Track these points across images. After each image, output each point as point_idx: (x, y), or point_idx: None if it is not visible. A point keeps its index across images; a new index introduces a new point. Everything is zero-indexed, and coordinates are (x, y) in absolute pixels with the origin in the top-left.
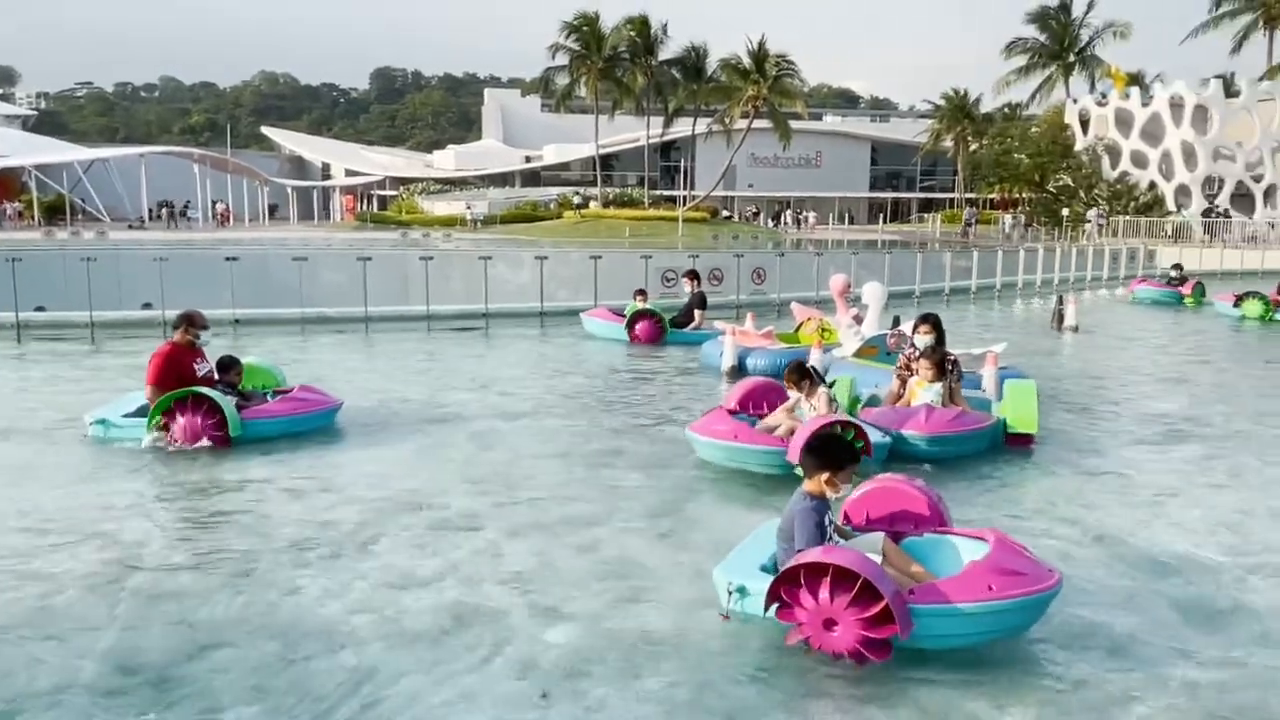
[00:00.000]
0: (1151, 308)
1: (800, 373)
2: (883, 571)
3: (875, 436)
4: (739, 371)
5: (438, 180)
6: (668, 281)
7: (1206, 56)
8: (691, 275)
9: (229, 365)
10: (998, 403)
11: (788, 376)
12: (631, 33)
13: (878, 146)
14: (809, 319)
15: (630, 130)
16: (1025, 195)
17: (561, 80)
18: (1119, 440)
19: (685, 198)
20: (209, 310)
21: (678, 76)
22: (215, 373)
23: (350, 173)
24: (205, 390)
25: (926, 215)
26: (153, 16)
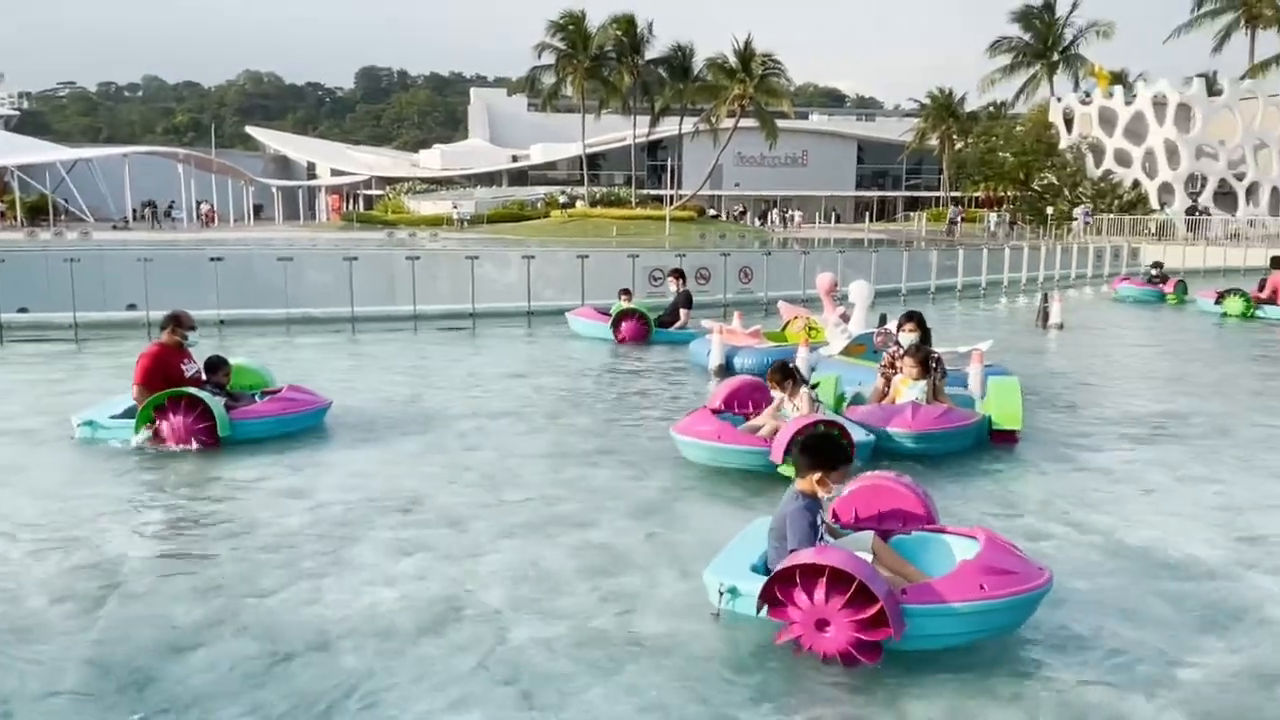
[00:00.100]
0: (1134, 305)
1: (783, 372)
2: (876, 573)
3: (858, 435)
4: (727, 370)
5: (424, 180)
6: (655, 281)
7: (1189, 55)
8: (677, 274)
9: (217, 365)
10: (981, 400)
11: (770, 376)
12: (618, 32)
13: (864, 145)
14: (796, 317)
15: (617, 129)
16: (1010, 193)
17: (548, 79)
18: (1104, 437)
19: (672, 197)
20: (194, 311)
21: (664, 76)
22: (203, 373)
23: (336, 172)
24: (194, 391)
25: (912, 214)
26: (136, 16)
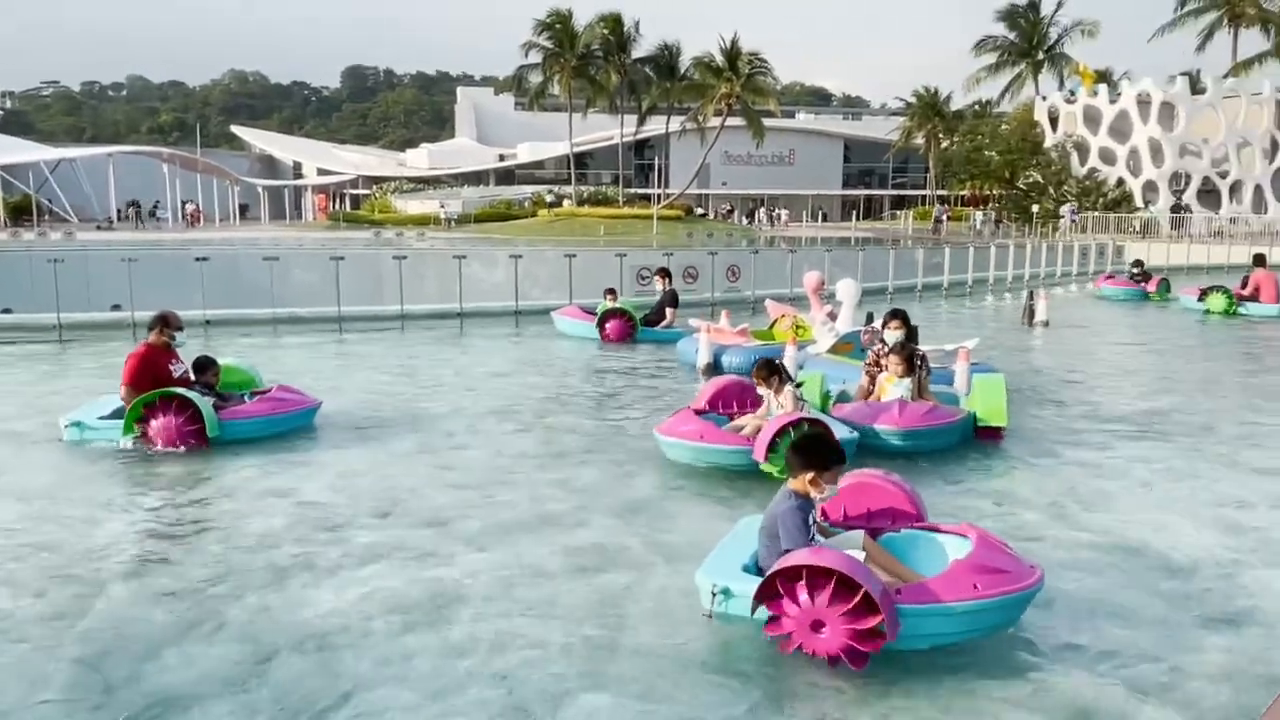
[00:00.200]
0: (1119, 303)
1: (768, 369)
2: (872, 574)
3: (842, 433)
4: (714, 369)
5: (411, 179)
6: (643, 279)
7: (1173, 54)
8: (663, 273)
9: (206, 366)
10: (965, 397)
11: (756, 374)
12: (604, 30)
13: (850, 144)
14: (783, 316)
15: (604, 128)
16: (995, 192)
17: (535, 78)
18: (1090, 434)
19: (659, 196)
20: (180, 311)
21: (651, 74)
22: (191, 373)
23: (322, 172)
24: (183, 391)
25: (899, 212)
26: (120, 15)
